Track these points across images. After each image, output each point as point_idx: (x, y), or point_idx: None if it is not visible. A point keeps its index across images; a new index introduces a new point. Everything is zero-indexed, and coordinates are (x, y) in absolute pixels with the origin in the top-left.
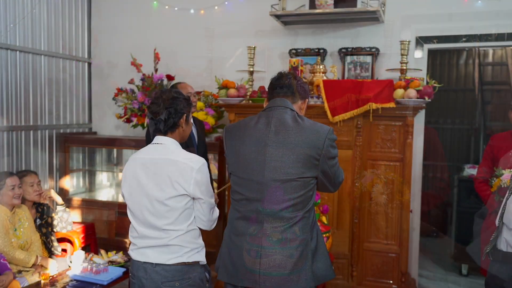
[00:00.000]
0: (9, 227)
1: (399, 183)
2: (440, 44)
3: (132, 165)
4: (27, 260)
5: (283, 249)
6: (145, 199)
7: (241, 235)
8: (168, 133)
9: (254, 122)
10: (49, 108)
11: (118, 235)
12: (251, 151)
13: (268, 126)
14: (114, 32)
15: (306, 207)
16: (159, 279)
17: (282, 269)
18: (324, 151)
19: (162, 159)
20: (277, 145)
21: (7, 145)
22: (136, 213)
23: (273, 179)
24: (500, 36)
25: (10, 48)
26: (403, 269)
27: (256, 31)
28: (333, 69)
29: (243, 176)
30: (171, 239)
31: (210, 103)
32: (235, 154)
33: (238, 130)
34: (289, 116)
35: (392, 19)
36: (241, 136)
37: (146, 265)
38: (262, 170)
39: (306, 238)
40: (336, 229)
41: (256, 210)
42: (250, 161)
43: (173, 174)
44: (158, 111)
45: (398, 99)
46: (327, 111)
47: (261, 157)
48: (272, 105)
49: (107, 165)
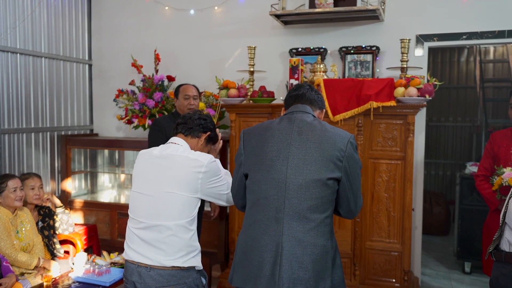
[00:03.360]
0: (11, 229)
1: (401, 181)
2: (440, 42)
3: (142, 160)
4: (29, 262)
5: (304, 252)
6: (149, 194)
7: (259, 237)
8: (189, 137)
9: (277, 123)
10: (50, 110)
11: (120, 236)
12: (274, 149)
13: (291, 126)
14: (115, 33)
15: (326, 211)
16: (154, 284)
17: (302, 272)
18: (347, 152)
19: (172, 155)
20: (300, 145)
21: (9, 148)
22: (138, 208)
23: (295, 177)
24: (500, 33)
25: (11, 51)
26: (405, 267)
27: (256, 31)
28: (333, 68)
29: (265, 175)
30: (168, 238)
31: (211, 104)
32: (256, 154)
33: (259, 130)
34: (312, 119)
35: (392, 18)
36: (263, 136)
37: (140, 269)
38: (284, 168)
39: (326, 245)
40: (338, 228)
41: (276, 209)
42: (273, 160)
43: (183, 170)
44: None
45: (399, 98)
46: (328, 110)
47: (284, 156)
48: (294, 110)
49: (108, 166)
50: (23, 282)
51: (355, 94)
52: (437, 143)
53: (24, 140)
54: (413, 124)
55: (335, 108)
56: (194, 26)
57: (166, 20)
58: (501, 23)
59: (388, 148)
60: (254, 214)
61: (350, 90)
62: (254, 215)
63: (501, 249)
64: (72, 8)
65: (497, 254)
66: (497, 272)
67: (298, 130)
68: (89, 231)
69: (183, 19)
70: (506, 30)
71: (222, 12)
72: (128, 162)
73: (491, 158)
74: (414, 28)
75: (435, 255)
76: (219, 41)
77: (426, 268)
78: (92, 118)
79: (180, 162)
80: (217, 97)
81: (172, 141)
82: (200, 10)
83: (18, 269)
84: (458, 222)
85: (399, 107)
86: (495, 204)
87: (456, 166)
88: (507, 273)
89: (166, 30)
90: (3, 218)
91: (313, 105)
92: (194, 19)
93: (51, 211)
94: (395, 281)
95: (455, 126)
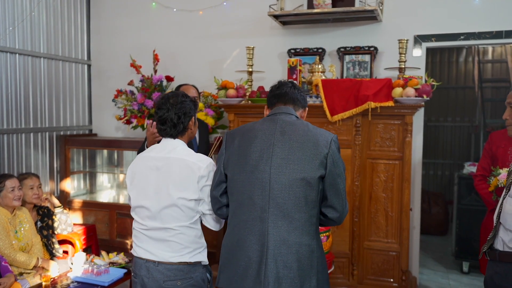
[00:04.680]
0: (9, 229)
1: (399, 181)
2: (438, 43)
3: (141, 164)
4: (28, 262)
5: (289, 251)
6: (154, 198)
7: (245, 238)
8: (178, 136)
9: (259, 124)
10: (49, 110)
11: (119, 236)
12: (257, 150)
13: (274, 126)
14: (113, 33)
15: (311, 211)
16: (161, 278)
17: (287, 271)
18: (330, 151)
19: (173, 158)
20: (283, 144)
21: (8, 148)
22: (143, 210)
23: (279, 177)
24: (498, 34)
25: (10, 51)
26: (403, 267)
27: (255, 31)
28: (331, 68)
29: (248, 176)
30: (175, 236)
31: (210, 104)
32: (239, 155)
33: (242, 132)
34: (295, 119)
35: (390, 18)
36: (246, 137)
37: (148, 264)
38: (268, 168)
39: (311, 244)
40: (336, 228)
41: (261, 209)
42: (256, 160)
43: (183, 174)
44: (167, 117)
45: (397, 98)
46: (326, 111)
47: (267, 156)
48: (277, 111)
49: (107, 166)
50: (21, 282)
51: (353, 94)
52: (435, 143)
53: (23, 140)
54: (411, 124)
55: (333, 108)
56: (193, 27)
57: (165, 20)
58: (499, 23)
59: (386, 148)
60: (239, 215)
61: (348, 90)
62: (239, 216)
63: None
64: (71, 9)
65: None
66: (491, 271)
67: (281, 130)
68: (88, 231)
69: (182, 19)
70: (504, 30)
71: (221, 12)
72: (127, 162)
73: (490, 158)
74: (412, 29)
75: (433, 255)
76: (218, 41)
77: (424, 268)
78: (91, 118)
79: (179, 166)
80: (216, 97)
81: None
82: (199, 10)
83: (17, 269)
84: (456, 222)
85: (397, 107)
86: (492, 204)
87: (454, 166)
88: (501, 271)
89: (165, 31)
90: (2, 218)
91: (295, 104)
92: (193, 20)
93: (50, 211)
94: (393, 280)
95: (454, 126)
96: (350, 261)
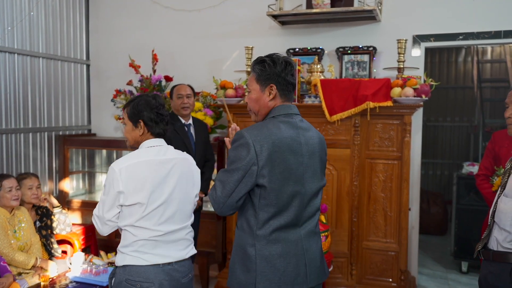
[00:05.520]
0: (8, 229)
1: (398, 181)
2: (437, 43)
3: (149, 168)
4: (26, 262)
5: (317, 242)
6: (177, 199)
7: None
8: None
9: (284, 130)
10: (48, 110)
11: (118, 236)
12: (292, 162)
13: (298, 135)
14: (112, 33)
15: None
16: (179, 276)
17: (317, 261)
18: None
19: (179, 158)
20: (309, 155)
21: (6, 148)
22: (159, 215)
23: (310, 188)
24: (497, 34)
25: (9, 51)
26: (402, 267)
27: (254, 31)
28: (330, 68)
29: (286, 188)
30: (188, 234)
31: (209, 104)
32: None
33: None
34: (305, 124)
35: (389, 18)
36: (278, 147)
37: (165, 267)
38: (302, 178)
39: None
40: (335, 228)
41: (297, 218)
42: (292, 172)
43: (193, 172)
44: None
45: (396, 98)
46: (325, 111)
47: (302, 167)
48: (289, 112)
49: (106, 166)
50: (20, 282)
51: (352, 94)
52: (435, 143)
53: (21, 140)
54: (410, 124)
55: (332, 108)
56: (192, 27)
57: (164, 20)
58: (498, 23)
59: (384, 148)
60: (274, 225)
61: (347, 90)
62: (273, 225)
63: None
64: (69, 8)
65: (485, 253)
66: (485, 271)
67: (305, 141)
68: (87, 231)
69: (181, 19)
70: (503, 30)
71: (220, 12)
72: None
73: (492, 157)
74: (411, 29)
75: (432, 255)
76: (217, 41)
77: (423, 268)
78: (90, 118)
79: (188, 165)
80: (215, 97)
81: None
82: (198, 10)
83: (15, 269)
84: (455, 221)
85: (395, 107)
86: None
87: (453, 166)
88: (495, 271)
89: (164, 30)
90: (0, 217)
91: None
92: (192, 20)
93: (49, 211)
94: (392, 280)
95: (453, 126)
96: (349, 261)
